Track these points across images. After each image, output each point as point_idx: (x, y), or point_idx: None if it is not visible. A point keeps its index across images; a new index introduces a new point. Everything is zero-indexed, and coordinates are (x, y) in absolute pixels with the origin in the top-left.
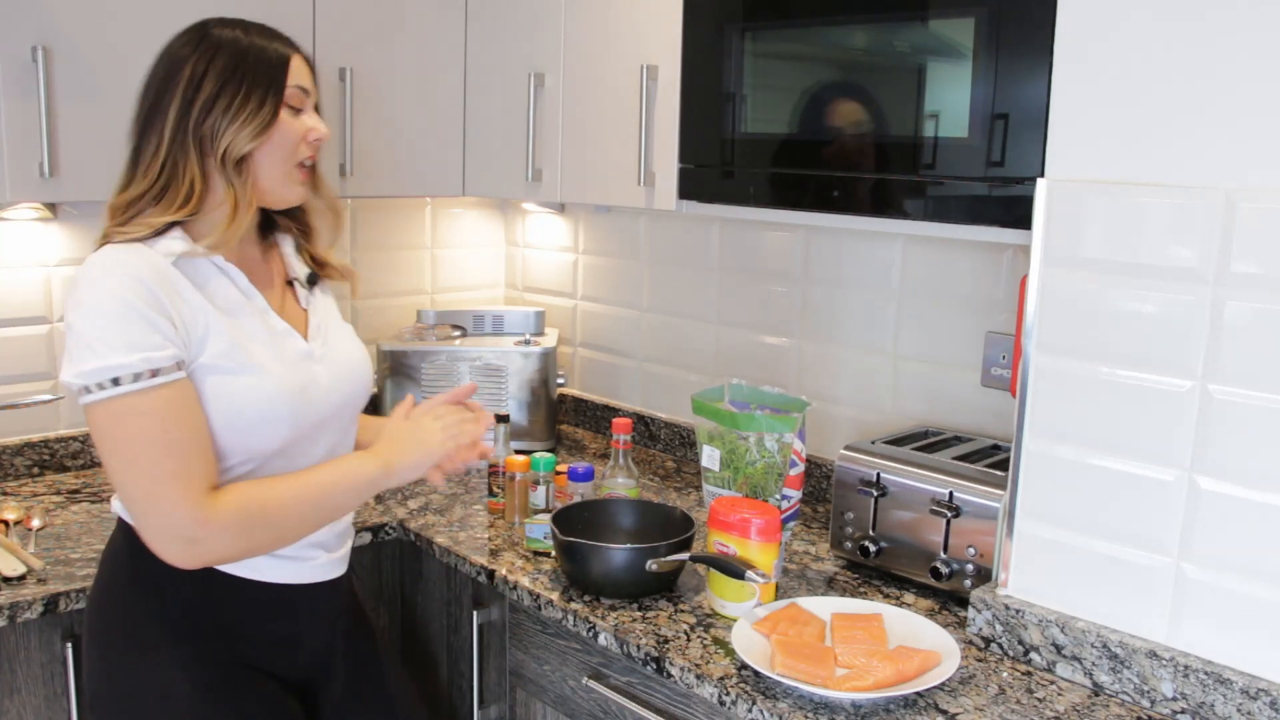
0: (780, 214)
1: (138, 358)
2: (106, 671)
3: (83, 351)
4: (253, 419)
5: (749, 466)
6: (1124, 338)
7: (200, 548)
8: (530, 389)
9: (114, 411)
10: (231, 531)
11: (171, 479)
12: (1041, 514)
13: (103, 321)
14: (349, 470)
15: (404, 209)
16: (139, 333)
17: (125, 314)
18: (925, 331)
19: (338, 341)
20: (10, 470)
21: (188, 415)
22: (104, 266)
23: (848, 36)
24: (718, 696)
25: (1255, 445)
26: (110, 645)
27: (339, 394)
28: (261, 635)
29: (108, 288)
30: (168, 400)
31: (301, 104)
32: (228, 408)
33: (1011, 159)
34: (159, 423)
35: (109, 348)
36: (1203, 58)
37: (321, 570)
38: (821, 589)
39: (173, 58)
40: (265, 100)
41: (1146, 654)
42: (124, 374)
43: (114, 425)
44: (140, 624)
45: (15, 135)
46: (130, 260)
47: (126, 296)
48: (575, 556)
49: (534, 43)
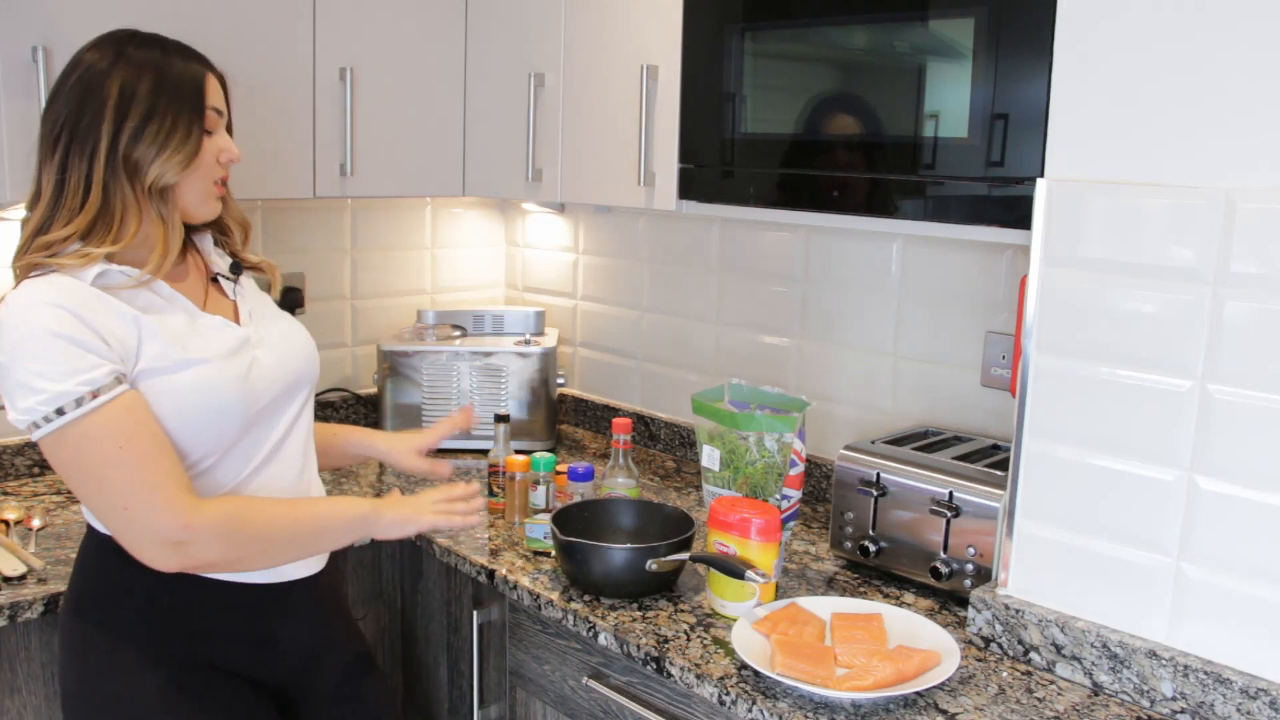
0: (780, 214)
1: (74, 383)
2: (79, 671)
3: (20, 390)
4: (204, 411)
5: (749, 466)
6: (1124, 338)
7: (186, 550)
8: (530, 389)
9: (67, 440)
10: (217, 536)
11: (146, 489)
12: (1041, 514)
13: (33, 357)
14: (340, 506)
15: (404, 209)
16: (71, 359)
17: (52, 345)
18: (925, 331)
19: (274, 324)
20: (10, 470)
21: (141, 425)
22: (23, 305)
23: (848, 37)
24: (718, 696)
25: (1255, 445)
26: (82, 646)
27: (285, 374)
28: (235, 636)
29: (31, 324)
30: (117, 416)
31: (215, 126)
32: (178, 406)
33: (1011, 159)
34: (114, 440)
35: (45, 380)
36: (1202, 58)
37: (293, 567)
38: (821, 589)
39: (90, 74)
40: (190, 129)
41: (1146, 654)
42: (66, 402)
43: (70, 453)
44: (112, 625)
45: (15, 135)
46: (48, 293)
47: (51, 327)
48: (575, 556)
49: (534, 43)
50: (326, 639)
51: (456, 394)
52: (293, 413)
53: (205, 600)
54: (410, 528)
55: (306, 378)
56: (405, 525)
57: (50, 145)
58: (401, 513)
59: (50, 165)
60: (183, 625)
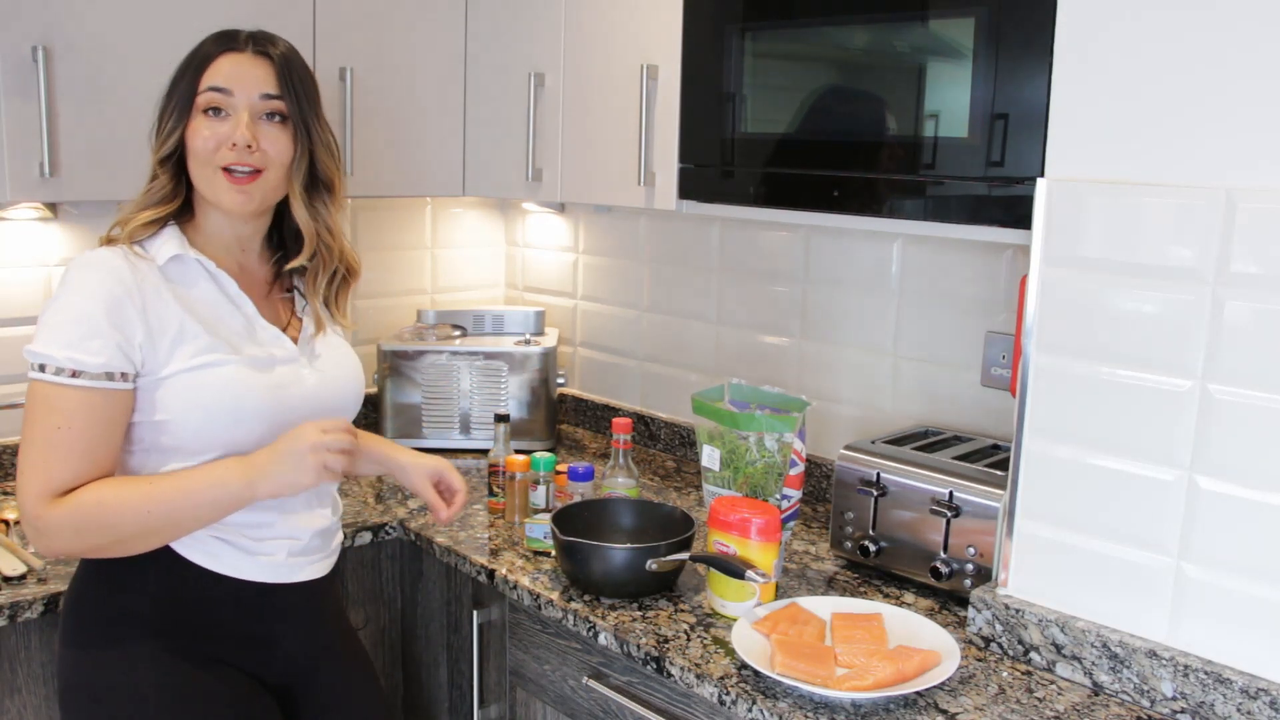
0: (780, 214)
1: (67, 354)
2: (76, 666)
3: (42, 330)
4: (229, 412)
5: (749, 466)
6: (1124, 337)
7: (44, 540)
8: (530, 389)
9: (35, 392)
10: (69, 528)
11: (37, 468)
12: (1041, 514)
13: (60, 311)
14: (207, 480)
15: (404, 209)
16: (79, 333)
17: (76, 312)
18: (925, 331)
19: (331, 352)
20: (10, 470)
21: (90, 424)
22: (85, 263)
23: (848, 36)
24: (718, 696)
25: (1255, 445)
26: (79, 640)
27: (325, 396)
28: (231, 632)
29: (79, 283)
30: (78, 403)
31: (220, 105)
32: (206, 400)
33: (1011, 159)
34: (60, 417)
35: (54, 333)
36: (1203, 57)
37: (291, 570)
38: (821, 589)
39: None
40: (174, 110)
41: (1146, 653)
42: (50, 363)
43: (32, 403)
44: (109, 619)
45: (15, 135)
46: (112, 263)
47: (86, 296)
48: (575, 556)
49: (534, 43)
50: (326, 645)
51: (456, 394)
52: None
53: (203, 595)
54: (295, 490)
55: (345, 408)
56: (289, 489)
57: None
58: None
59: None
60: (182, 619)
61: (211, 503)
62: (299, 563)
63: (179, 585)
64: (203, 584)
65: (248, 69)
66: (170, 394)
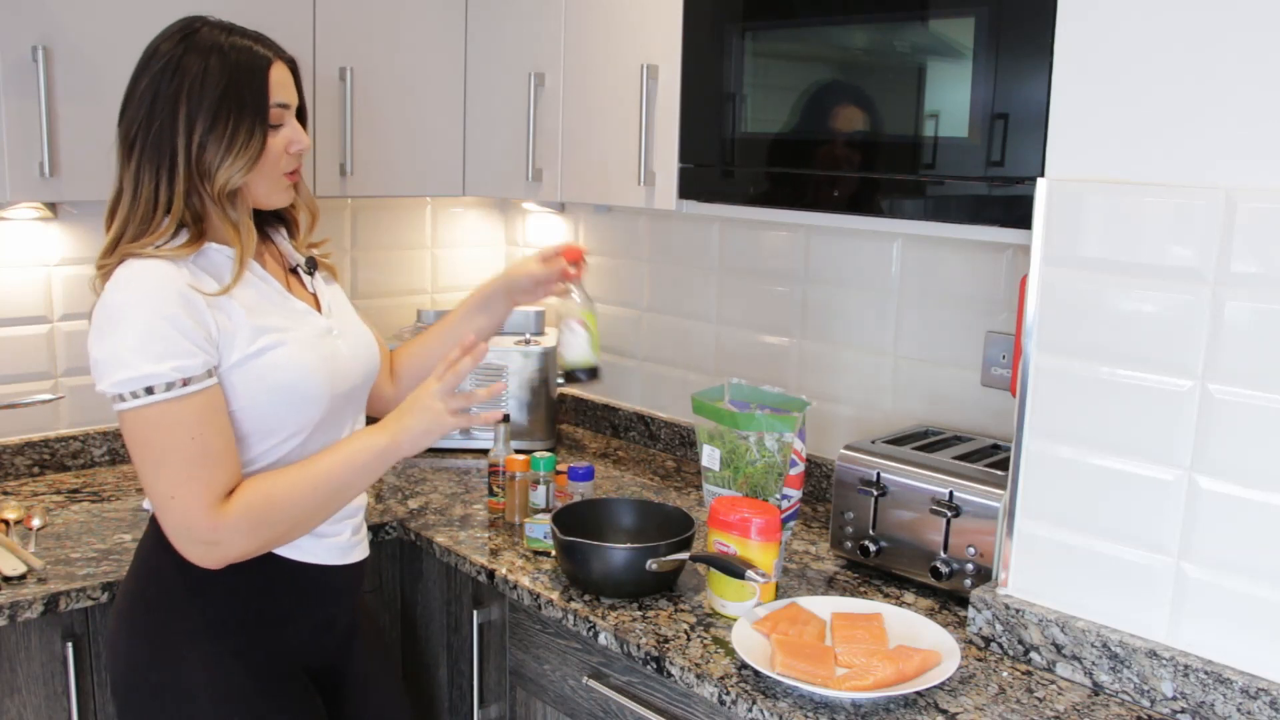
0: (780, 214)
1: (169, 366)
2: (135, 661)
3: (114, 364)
4: (297, 390)
5: (749, 466)
6: (1124, 337)
7: (219, 550)
8: (530, 389)
9: (149, 418)
10: (245, 530)
11: (191, 483)
12: (1041, 513)
13: (133, 333)
14: (356, 448)
15: (404, 209)
16: (170, 342)
17: (154, 325)
18: (925, 331)
19: (350, 320)
20: (10, 470)
21: (215, 422)
22: (132, 283)
23: (848, 36)
24: (718, 696)
25: (1255, 445)
26: (144, 635)
27: (359, 366)
28: (303, 620)
29: (138, 301)
30: (198, 407)
31: (281, 119)
32: (273, 383)
33: (1011, 159)
34: (188, 429)
35: (140, 357)
36: (1203, 57)
37: (349, 550)
38: (821, 588)
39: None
40: (253, 131)
41: (1146, 653)
42: (157, 383)
43: (147, 431)
44: (178, 618)
45: (15, 135)
46: (157, 273)
47: (157, 307)
48: (575, 556)
49: (534, 43)
50: (358, 620)
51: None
52: (358, 405)
53: (284, 585)
54: (433, 439)
55: (372, 375)
56: (427, 439)
57: (126, 149)
58: (420, 428)
59: (128, 171)
60: (256, 616)
61: (364, 465)
62: (355, 541)
63: (258, 580)
64: (283, 575)
65: (287, 78)
66: (240, 381)
